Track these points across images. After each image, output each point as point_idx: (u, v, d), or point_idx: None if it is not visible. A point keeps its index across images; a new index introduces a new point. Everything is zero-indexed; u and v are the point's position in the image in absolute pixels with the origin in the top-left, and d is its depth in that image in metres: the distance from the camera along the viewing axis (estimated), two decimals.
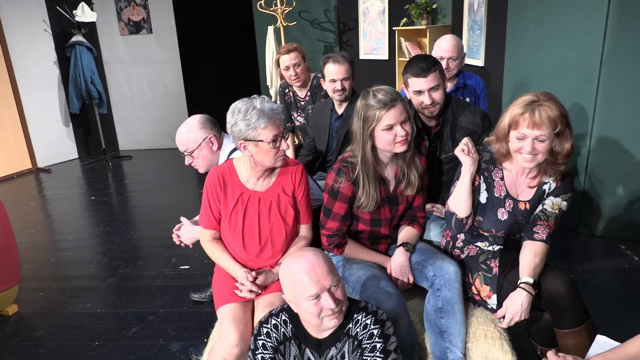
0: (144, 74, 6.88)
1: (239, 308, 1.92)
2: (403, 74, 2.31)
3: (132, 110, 7.04)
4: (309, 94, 3.51)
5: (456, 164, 2.32)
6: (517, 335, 1.97)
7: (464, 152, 1.95)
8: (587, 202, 3.50)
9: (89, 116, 6.79)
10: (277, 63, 3.50)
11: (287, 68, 3.40)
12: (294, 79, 3.43)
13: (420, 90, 2.22)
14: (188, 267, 3.43)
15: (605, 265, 3.17)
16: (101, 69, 6.73)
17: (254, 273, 1.95)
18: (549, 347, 1.73)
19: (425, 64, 2.18)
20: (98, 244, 3.98)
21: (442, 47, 3.01)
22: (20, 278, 3.01)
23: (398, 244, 2.08)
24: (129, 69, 6.86)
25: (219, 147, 2.40)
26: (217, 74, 8.62)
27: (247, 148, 1.89)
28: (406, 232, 2.11)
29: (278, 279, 1.96)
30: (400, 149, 1.90)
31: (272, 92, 5.90)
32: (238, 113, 1.86)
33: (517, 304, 1.76)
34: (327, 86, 2.90)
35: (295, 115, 3.65)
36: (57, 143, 6.52)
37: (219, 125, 2.44)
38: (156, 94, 6.96)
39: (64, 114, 6.52)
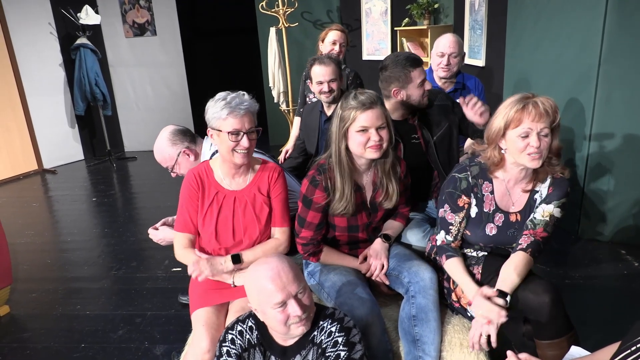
0: (148, 76, 6.91)
1: (212, 313, 1.90)
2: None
3: (136, 112, 7.08)
4: None
5: (449, 140, 2.36)
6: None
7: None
8: (586, 204, 3.40)
9: (94, 118, 6.85)
10: (322, 39, 3.57)
11: (334, 42, 3.50)
12: (335, 54, 3.46)
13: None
14: (180, 269, 3.42)
15: (603, 271, 3.08)
16: (106, 71, 6.78)
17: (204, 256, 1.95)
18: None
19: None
20: (94, 245, 3.99)
21: (443, 44, 3.04)
22: (12, 279, 3.03)
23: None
24: (133, 71, 6.91)
25: (196, 157, 2.42)
26: (220, 76, 8.62)
27: (214, 137, 1.92)
28: (387, 224, 2.12)
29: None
30: (372, 154, 1.83)
31: (274, 93, 5.89)
32: (212, 101, 1.89)
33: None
34: (314, 88, 2.88)
35: (310, 96, 3.61)
36: (62, 144, 6.57)
37: (190, 132, 2.46)
38: (160, 96, 7.00)
39: (70, 115, 6.57)
